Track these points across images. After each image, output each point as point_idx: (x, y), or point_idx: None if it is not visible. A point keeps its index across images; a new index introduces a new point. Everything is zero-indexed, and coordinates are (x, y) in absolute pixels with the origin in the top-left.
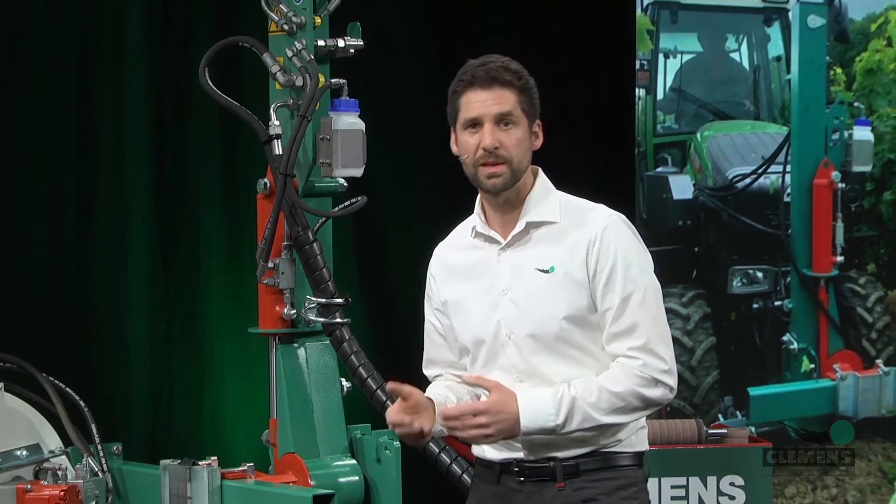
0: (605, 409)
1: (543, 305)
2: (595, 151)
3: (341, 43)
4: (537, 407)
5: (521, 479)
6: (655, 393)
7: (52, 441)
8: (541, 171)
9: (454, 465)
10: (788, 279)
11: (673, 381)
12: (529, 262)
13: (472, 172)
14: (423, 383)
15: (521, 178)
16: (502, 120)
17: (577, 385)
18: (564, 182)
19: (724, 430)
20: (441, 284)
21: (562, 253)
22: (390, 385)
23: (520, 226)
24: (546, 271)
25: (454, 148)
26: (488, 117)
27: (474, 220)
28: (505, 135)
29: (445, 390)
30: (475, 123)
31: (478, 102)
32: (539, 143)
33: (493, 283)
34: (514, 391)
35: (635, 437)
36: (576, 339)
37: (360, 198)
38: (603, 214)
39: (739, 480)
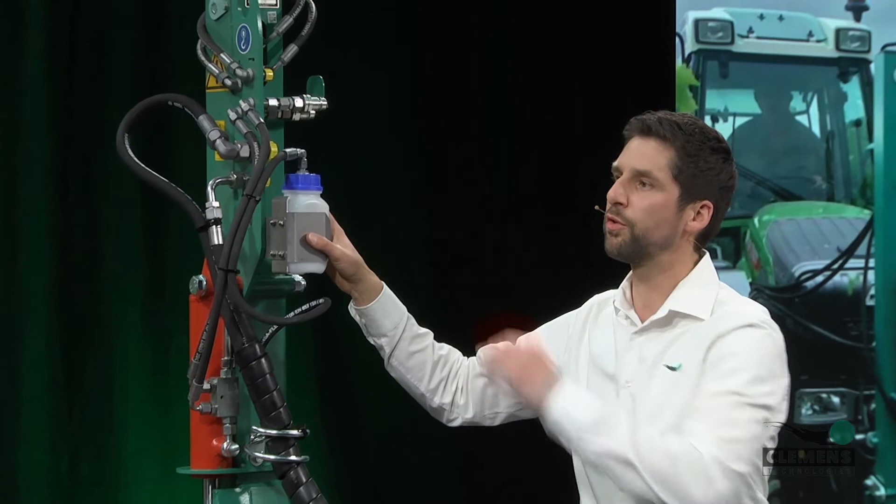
0: (643, 453)
1: (660, 406)
2: None
3: (299, 102)
4: (575, 395)
5: None
6: (697, 484)
7: None
8: (707, 258)
9: None
10: (873, 405)
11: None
12: (660, 355)
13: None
14: None
15: (667, 257)
16: (639, 178)
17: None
18: (600, 278)
19: None
20: (577, 344)
21: (693, 353)
22: None
23: (661, 311)
24: (673, 368)
25: None
26: (626, 168)
27: (618, 293)
28: (638, 195)
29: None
30: (617, 173)
31: (627, 151)
32: (697, 226)
33: (617, 371)
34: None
35: None
36: None
37: (321, 300)
38: (737, 316)
39: None
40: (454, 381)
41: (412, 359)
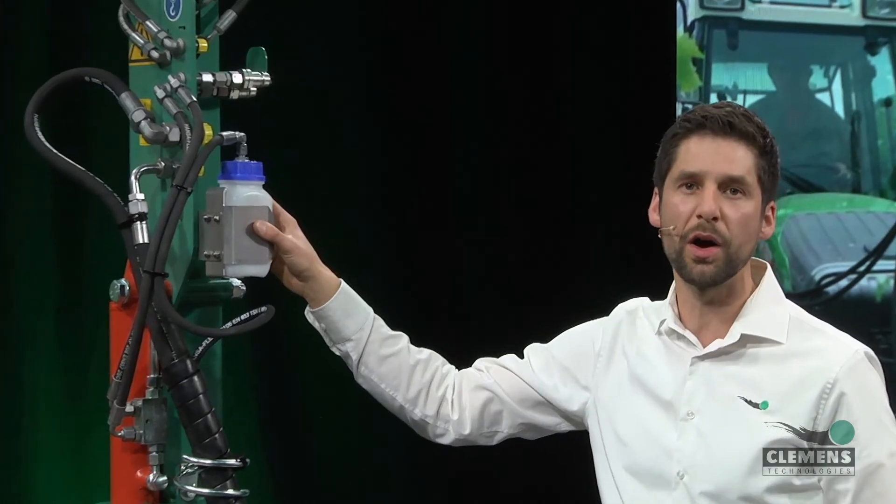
0: None
1: (740, 449)
2: (621, 241)
3: (238, 78)
4: None
5: None
6: None
7: None
8: (769, 270)
9: None
10: None
11: None
12: (734, 386)
13: (678, 249)
14: None
15: (740, 273)
16: (730, 185)
17: None
18: (592, 286)
19: None
20: (607, 362)
21: (782, 388)
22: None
23: (732, 336)
24: (755, 405)
25: (653, 217)
26: (713, 176)
27: (664, 310)
28: (731, 206)
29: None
30: (693, 181)
31: (704, 153)
32: (768, 232)
33: (676, 399)
34: None
35: None
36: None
37: (263, 308)
38: (847, 349)
39: None
40: (439, 388)
41: (385, 364)
